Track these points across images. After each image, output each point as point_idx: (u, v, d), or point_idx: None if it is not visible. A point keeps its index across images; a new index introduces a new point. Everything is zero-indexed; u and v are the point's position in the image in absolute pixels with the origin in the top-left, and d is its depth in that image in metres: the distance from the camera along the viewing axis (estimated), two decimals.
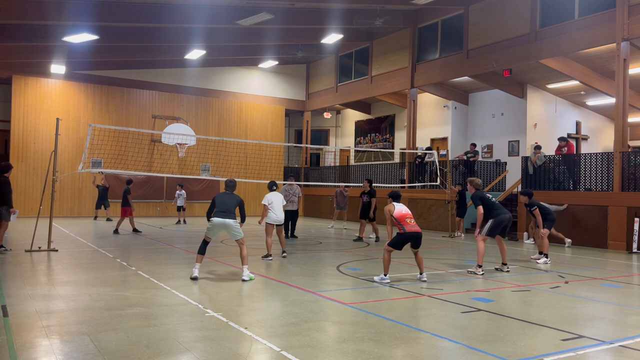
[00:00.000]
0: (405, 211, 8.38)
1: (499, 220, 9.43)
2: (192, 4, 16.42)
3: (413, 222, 8.31)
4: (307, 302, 6.76)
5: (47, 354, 4.56)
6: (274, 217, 10.47)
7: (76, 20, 16.31)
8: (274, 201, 10.46)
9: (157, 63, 23.62)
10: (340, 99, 25.71)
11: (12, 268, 8.99)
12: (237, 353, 4.67)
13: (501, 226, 9.50)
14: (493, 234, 9.53)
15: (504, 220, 9.49)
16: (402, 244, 8.30)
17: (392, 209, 8.34)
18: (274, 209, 10.43)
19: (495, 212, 9.47)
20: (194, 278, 8.11)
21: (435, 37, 20.64)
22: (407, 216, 8.31)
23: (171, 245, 12.98)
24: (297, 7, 17.94)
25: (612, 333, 5.63)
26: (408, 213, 8.40)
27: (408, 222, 8.24)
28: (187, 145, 21.94)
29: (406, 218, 8.27)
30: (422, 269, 8.47)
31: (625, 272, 10.24)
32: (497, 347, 4.97)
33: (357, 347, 4.87)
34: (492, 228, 9.42)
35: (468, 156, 18.83)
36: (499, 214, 9.46)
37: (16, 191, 20.97)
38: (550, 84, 19.11)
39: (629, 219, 13.29)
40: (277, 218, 10.52)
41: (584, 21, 15.22)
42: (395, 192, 8.70)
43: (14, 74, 21.32)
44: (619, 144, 14.00)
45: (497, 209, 9.55)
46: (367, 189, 14.67)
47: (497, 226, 9.45)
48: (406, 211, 8.40)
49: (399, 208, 8.36)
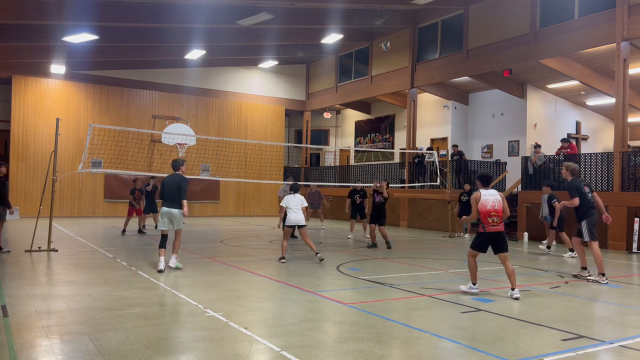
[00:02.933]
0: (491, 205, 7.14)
1: (594, 221, 8.69)
2: (192, 4, 16.42)
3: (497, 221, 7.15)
4: (307, 302, 6.76)
5: (47, 354, 4.56)
6: (291, 219, 10.28)
7: (76, 20, 16.30)
8: (290, 203, 10.31)
9: (157, 63, 23.62)
10: (340, 99, 25.71)
11: (12, 268, 8.99)
12: (237, 353, 4.67)
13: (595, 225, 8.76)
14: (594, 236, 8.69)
15: (596, 219, 8.75)
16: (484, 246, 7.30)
17: (479, 197, 7.20)
18: (291, 210, 10.26)
19: (590, 210, 8.63)
20: (160, 271, 8.69)
21: (435, 37, 20.64)
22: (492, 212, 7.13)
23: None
24: (297, 7, 17.93)
25: (612, 333, 5.63)
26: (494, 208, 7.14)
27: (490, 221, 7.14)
28: (187, 145, 21.92)
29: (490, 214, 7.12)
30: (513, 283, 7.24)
31: (625, 272, 10.23)
32: (497, 347, 4.96)
33: (357, 347, 4.87)
34: (590, 230, 8.65)
35: (454, 158, 18.87)
36: (593, 213, 8.67)
37: (16, 191, 21.03)
38: (550, 84, 19.11)
39: (629, 219, 13.29)
40: (293, 219, 10.29)
41: (584, 21, 15.22)
42: (484, 175, 7.56)
43: (14, 74, 21.32)
44: (619, 144, 14.00)
45: (591, 206, 8.71)
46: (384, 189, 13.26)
47: (594, 226, 8.71)
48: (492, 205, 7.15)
49: (484, 199, 7.15)
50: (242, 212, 26.11)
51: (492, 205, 7.13)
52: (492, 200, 7.17)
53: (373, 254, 11.83)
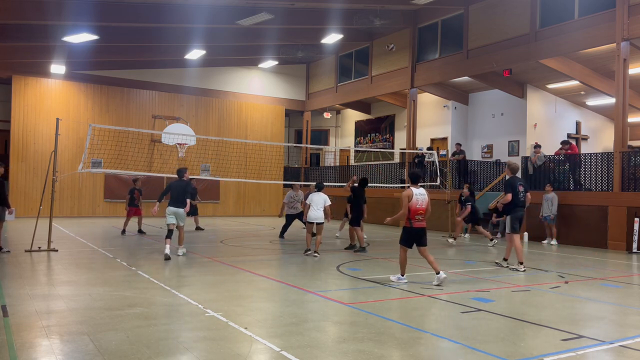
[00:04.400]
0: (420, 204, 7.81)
1: (519, 217, 9.88)
2: (192, 4, 16.42)
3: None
4: (307, 302, 6.76)
5: (47, 354, 4.56)
6: (311, 215, 11.09)
7: (76, 20, 16.30)
8: (313, 200, 11.11)
9: (157, 63, 23.62)
10: (340, 99, 25.71)
11: (12, 268, 8.98)
12: (237, 353, 4.67)
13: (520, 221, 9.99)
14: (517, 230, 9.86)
15: (521, 216, 9.97)
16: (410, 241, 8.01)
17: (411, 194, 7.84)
18: (312, 208, 11.08)
19: (518, 207, 9.82)
20: (167, 257, 10.19)
21: (435, 37, 20.64)
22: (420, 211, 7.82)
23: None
24: (297, 7, 17.93)
25: (612, 333, 5.63)
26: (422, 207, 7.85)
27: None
28: (187, 145, 21.92)
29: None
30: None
31: (625, 272, 10.24)
32: (497, 347, 4.96)
33: (357, 347, 4.87)
34: (513, 225, 9.82)
35: (456, 156, 18.86)
36: (519, 210, 9.88)
37: (16, 191, 21.04)
38: (550, 84, 19.11)
39: (629, 219, 13.29)
40: (313, 216, 11.07)
41: (584, 21, 15.22)
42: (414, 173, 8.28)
43: (14, 74, 21.31)
44: (619, 144, 14.00)
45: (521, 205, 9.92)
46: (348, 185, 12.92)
47: (518, 221, 9.87)
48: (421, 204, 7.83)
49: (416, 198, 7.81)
50: (242, 212, 26.10)
51: (421, 204, 7.86)
52: (421, 200, 7.89)
53: (373, 254, 11.82)
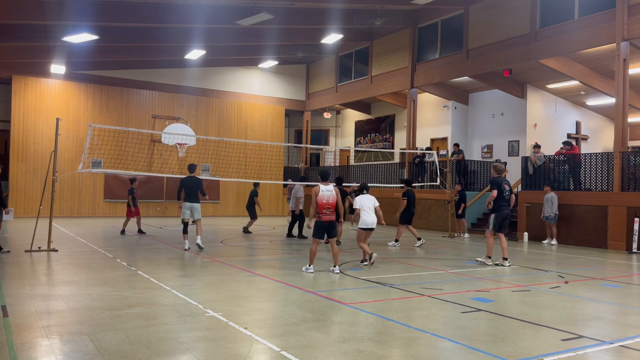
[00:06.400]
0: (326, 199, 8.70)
1: (503, 217, 10.15)
2: (192, 4, 16.42)
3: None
4: (307, 302, 6.76)
5: (47, 354, 4.56)
6: (367, 221, 9.65)
7: (76, 20, 16.30)
8: (364, 204, 9.69)
9: (157, 63, 23.62)
10: (340, 99, 25.71)
11: (12, 268, 8.98)
12: (237, 353, 4.67)
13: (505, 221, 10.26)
14: (501, 229, 10.19)
15: (505, 215, 10.20)
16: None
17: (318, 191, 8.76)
18: (364, 212, 9.65)
19: (502, 206, 10.15)
20: (186, 249, 11.37)
21: (435, 37, 20.64)
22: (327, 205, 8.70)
23: (171, 245, 12.97)
24: (297, 7, 17.94)
25: (612, 333, 5.63)
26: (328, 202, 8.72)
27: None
28: (187, 145, 21.93)
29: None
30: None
31: (625, 272, 10.24)
32: (497, 347, 4.96)
33: (357, 347, 4.87)
34: (495, 223, 10.15)
35: (454, 157, 18.87)
36: (504, 210, 10.17)
37: (16, 191, 21.05)
38: (550, 84, 19.11)
39: (629, 219, 13.29)
40: (370, 221, 9.66)
41: (584, 21, 15.22)
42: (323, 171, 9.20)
43: (14, 74, 21.32)
44: (619, 144, 14.00)
45: (505, 204, 10.21)
46: None
47: (500, 220, 10.17)
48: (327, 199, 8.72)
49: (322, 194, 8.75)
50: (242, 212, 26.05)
51: (327, 200, 8.71)
52: (327, 195, 8.75)
53: None
